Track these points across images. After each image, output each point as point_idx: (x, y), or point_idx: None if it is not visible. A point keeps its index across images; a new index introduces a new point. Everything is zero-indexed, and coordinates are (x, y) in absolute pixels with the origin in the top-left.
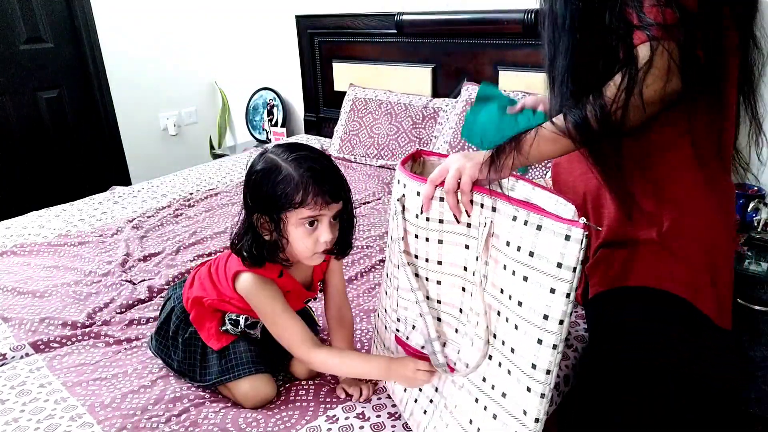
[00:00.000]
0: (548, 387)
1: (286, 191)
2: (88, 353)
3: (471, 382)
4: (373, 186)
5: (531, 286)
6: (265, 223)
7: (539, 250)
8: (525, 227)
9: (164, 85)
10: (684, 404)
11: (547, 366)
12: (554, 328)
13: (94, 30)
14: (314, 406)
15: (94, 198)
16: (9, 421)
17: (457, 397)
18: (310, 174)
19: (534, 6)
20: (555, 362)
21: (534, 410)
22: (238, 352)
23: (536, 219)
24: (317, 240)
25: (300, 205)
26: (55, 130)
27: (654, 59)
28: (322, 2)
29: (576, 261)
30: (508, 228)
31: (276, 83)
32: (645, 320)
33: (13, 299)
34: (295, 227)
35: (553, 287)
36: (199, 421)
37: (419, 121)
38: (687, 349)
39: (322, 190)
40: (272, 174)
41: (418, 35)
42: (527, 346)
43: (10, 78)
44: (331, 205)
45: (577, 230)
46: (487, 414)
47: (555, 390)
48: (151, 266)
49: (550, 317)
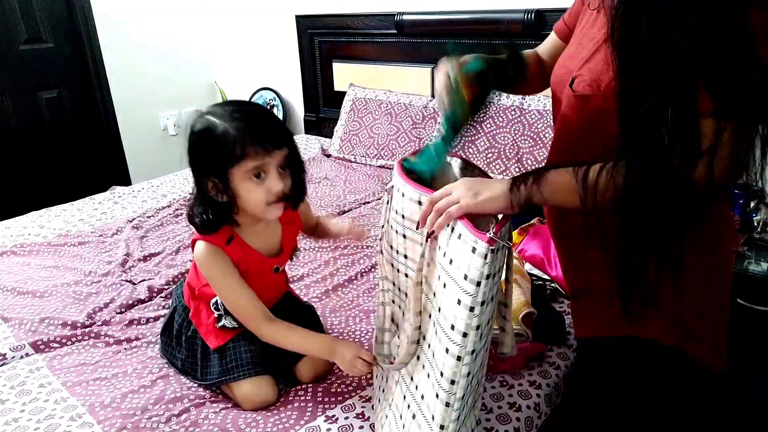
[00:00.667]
0: (453, 396)
1: (225, 147)
2: (88, 353)
3: (403, 379)
4: (373, 186)
5: (448, 293)
6: (213, 186)
7: (456, 259)
8: (452, 234)
9: (164, 85)
10: (675, 417)
11: (451, 376)
12: (458, 339)
13: (94, 30)
14: (313, 406)
15: (94, 198)
16: (9, 420)
17: (394, 392)
18: (245, 125)
19: (534, 6)
20: (460, 373)
21: (439, 417)
22: (239, 353)
23: (459, 227)
24: (269, 191)
25: (242, 157)
26: (55, 130)
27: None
28: (322, 2)
29: (479, 275)
30: (443, 233)
31: (276, 83)
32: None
33: (13, 299)
34: (242, 182)
35: (460, 298)
36: (199, 421)
37: (419, 121)
38: (676, 365)
39: (261, 138)
40: (209, 133)
41: (418, 35)
42: (439, 353)
43: (10, 78)
44: (274, 153)
45: (482, 244)
46: (409, 413)
47: (461, 411)
48: (151, 266)
49: (455, 328)
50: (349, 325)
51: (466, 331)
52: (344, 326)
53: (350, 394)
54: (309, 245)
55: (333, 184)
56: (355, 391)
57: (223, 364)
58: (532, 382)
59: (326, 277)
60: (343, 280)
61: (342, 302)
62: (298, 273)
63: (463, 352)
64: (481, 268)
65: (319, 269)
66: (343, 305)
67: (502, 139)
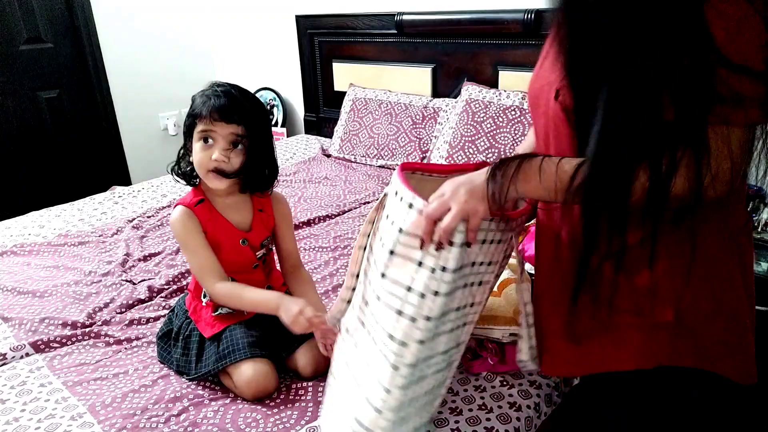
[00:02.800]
0: (401, 360)
1: (192, 110)
2: (89, 353)
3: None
4: (373, 186)
5: (396, 259)
6: (189, 144)
7: (393, 215)
8: (395, 197)
9: (164, 85)
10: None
11: (401, 337)
12: (414, 300)
13: (94, 30)
14: (314, 405)
15: (94, 198)
16: (10, 420)
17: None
18: (210, 97)
19: (534, 6)
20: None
21: (386, 380)
22: (235, 338)
23: (397, 186)
24: (209, 157)
25: (195, 119)
26: (55, 130)
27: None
28: (322, 2)
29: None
30: (391, 201)
31: (276, 83)
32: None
33: (13, 299)
34: (196, 142)
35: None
36: (199, 421)
37: (419, 121)
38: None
39: (214, 108)
40: (192, 100)
41: (418, 35)
42: (388, 317)
43: (10, 78)
44: (221, 124)
45: (419, 200)
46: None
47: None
48: (151, 266)
49: (413, 289)
50: None
51: (423, 292)
52: None
53: None
54: (309, 245)
55: (333, 184)
56: None
57: (220, 351)
58: (532, 381)
59: (326, 277)
60: (343, 280)
61: None
62: None
63: (418, 314)
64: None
65: (319, 269)
66: None
67: (502, 139)
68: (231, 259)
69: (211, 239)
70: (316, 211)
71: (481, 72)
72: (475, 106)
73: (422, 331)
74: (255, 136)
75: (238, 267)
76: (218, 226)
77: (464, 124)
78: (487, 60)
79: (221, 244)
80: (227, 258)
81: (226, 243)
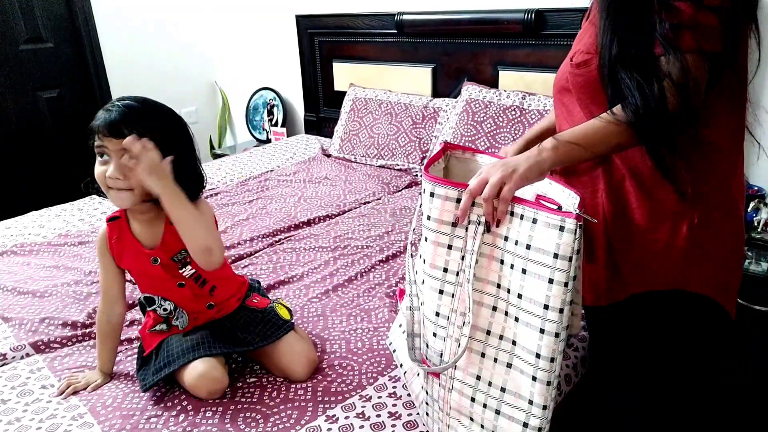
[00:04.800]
0: (554, 375)
1: (91, 125)
2: (89, 353)
3: (463, 383)
4: (373, 186)
5: (530, 277)
6: None
7: (536, 242)
8: (522, 221)
9: (164, 85)
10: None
11: (550, 354)
12: (554, 317)
13: (94, 30)
14: (313, 405)
15: (94, 198)
16: (11, 420)
17: (451, 400)
18: (110, 106)
19: (534, 6)
20: (558, 350)
21: (540, 398)
22: (171, 349)
23: (531, 213)
24: (105, 174)
25: (91, 134)
26: (55, 130)
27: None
28: (322, 2)
29: (571, 251)
30: (504, 223)
31: (276, 83)
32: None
33: (13, 299)
34: (97, 157)
35: (551, 277)
36: (198, 421)
37: (419, 121)
38: (709, 354)
39: (105, 120)
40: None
41: (418, 35)
42: (529, 337)
43: (10, 78)
44: (109, 140)
45: (571, 221)
46: (488, 411)
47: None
48: None
49: (550, 306)
50: (350, 324)
51: (561, 307)
52: (345, 325)
53: (350, 394)
54: (309, 245)
55: (333, 184)
56: (355, 391)
57: (158, 363)
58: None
59: (326, 277)
60: (343, 280)
61: (342, 302)
62: (298, 273)
63: (560, 328)
64: (572, 243)
65: (319, 269)
66: (343, 305)
67: (502, 139)
68: (144, 280)
69: (117, 259)
70: (316, 211)
71: (481, 72)
72: (475, 106)
73: (571, 291)
74: (161, 150)
75: (159, 288)
76: (125, 245)
77: (464, 124)
78: (487, 60)
79: (131, 263)
80: (139, 279)
81: (134, 263)
